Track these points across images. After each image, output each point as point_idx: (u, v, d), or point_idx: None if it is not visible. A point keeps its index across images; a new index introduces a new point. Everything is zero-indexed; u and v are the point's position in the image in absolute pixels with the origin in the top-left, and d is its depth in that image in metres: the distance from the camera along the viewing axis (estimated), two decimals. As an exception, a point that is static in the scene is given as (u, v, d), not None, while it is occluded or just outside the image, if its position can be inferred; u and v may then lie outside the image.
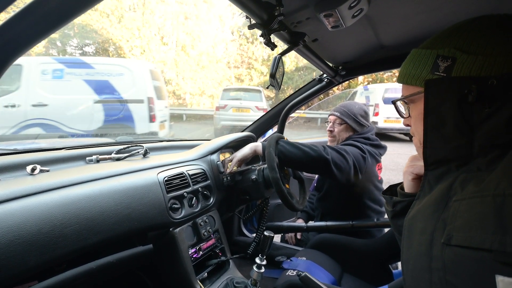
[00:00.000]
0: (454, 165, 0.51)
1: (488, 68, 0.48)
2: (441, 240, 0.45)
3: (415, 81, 0.57)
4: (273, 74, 0.95)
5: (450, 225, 0.44)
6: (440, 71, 0.52)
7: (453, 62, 0.51)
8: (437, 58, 0.53)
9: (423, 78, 0.55)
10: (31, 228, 0.66)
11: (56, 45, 13.89)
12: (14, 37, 0.48)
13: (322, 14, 0.79)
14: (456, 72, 0.50)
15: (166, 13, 15.52)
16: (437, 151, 0.53)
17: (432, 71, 0.53)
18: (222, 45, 17.50)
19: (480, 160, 0.47)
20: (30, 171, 0.86)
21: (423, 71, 0.55)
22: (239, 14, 5.82)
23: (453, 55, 0.51)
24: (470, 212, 0.42)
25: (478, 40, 0.49)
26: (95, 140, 1.28)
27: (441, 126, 0.51)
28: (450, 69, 0.51)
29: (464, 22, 0.53)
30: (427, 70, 0.54)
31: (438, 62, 0.53)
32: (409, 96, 0.59)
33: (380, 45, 1.23)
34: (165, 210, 1.00)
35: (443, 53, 0.52)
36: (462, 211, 0.44)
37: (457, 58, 0.51)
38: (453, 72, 0.50)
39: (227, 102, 8.30)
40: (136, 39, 14.35)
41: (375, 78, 13.33)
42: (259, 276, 0.96)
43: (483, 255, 0.38)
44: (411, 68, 0.58)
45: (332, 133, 1.61)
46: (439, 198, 0.50)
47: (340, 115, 1.56)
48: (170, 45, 16.05)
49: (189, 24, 16.16)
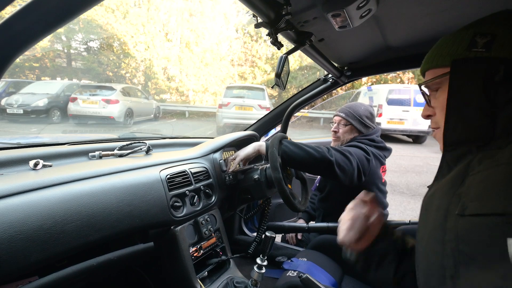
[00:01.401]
0: (475, 146, 0.50)
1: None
2: (455, 212, 0.45)
3: (448, 60, 0.53)
4: (279, 74, 0.94)
5: (465, 197, 0.44)
6: (479, 47, 0.49)
7: (492, 38, 0.48)
8: (474, 36, 0.50)
9: (458, 55, 0.51)
10: (33, 224, 0.65)
11: (61, 39, 13.95)
12: (19, 33, 0.47)
13: (329, 14, 0.78)
14: (496, 49, 0.47)
15: (171, 9, 15.52)
16: (458, 132, 0.51)
17: (469, 48, 0.50)
18: (226, 42, 17.49)
19: (501, 141, 0.47)
20: (32, 166, 0.86)
21: (458, 48, 0.52)
22: (245, 12, 5.79)
23: (492, 32, 0.48)
24: (484, 182, 0.43)
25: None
26: (98, 136, 1.27)
27: (465, 106, 0.50)
28: (489, 45, 0.48)
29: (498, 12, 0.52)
30: (463, 47, 0.51)
31: (476, 39, 0.50)
32: (438, 77, 0.55)
33: (386, 46, 1.22)
34: (167, 208, 1.00)
35: (480, 31, 0.50)
36: (477, 181, 0.44)
37: (496, 34, 0.48)
38: (492, 49, 0.48)
39: (230, 100, 8.28)
40: (141, 35, 14.36)
41: (379, 79, 13.27)
42: (260, 277, 0.96)
43: (496, 220, 0.38)
44: (442, 49, 0.54)
45: (336, 134, 1.60)
46: (457, 175, 0.49)
47: (345, 116, 1.55)
48: (174, 42, 16.05)
49: (193, 21, 16.16)
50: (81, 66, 14.88)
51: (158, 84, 15.45)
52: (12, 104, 7.62)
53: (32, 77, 12.85)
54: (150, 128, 9.55)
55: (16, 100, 7.72)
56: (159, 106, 11.18)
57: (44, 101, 7.97)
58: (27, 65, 12.62)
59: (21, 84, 9.01)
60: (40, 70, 13.35)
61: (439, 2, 0.81)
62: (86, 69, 14.38)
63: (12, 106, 7.60)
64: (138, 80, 15.31)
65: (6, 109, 7.61)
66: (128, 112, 8.59)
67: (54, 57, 14.01)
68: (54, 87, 8.73)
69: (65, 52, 14.52)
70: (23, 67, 12.46)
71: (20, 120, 7.73)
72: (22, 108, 7.63)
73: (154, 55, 14.82)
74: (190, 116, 12.13)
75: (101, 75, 14.15)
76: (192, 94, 16.16)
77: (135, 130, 8.36)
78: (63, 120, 8.25)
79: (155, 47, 14.87)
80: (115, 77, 14.55)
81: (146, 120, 9.90)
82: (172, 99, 15.94)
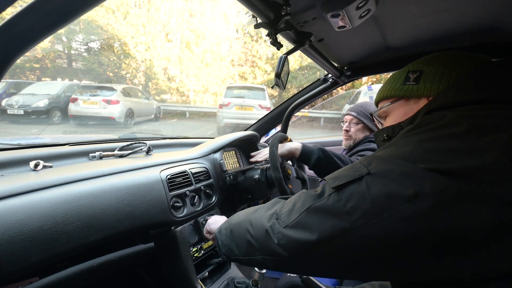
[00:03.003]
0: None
1: (446, 78, 0.58)
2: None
3: (391, 93, 0.67)
4: (279, 74, 0.94)
5: None
6: (411, 81, 0.63)
7: (420, 73, 0.62)
8: (408, 72, 0.65)
9: (396, 89, 0.66)
10: (33, 225, 0.66)
11: (61, 40, 13.96)
12: (20, 34, 0.48)
13: (329, 14, 0.78)
14: (423, 81, 0.61)
15: (171, 10, 15.51)
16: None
17: (404, 82, 0.64)
18: (227, 43, 17.46)
19: None
20: (33, 166, 0.86)
21: (397, 84, 0.66)
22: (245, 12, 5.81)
23: (420, 69, 0.63)
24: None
25: (441, 58, 0.61)
26: (98, 136, 1.27)
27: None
28: (418, 79, 0.62)
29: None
30: (400, 82, 0.66)
31: (409, 75, 0.65)
32: (385, 107, 0.70)
33: (386, 46, 1.22)
34: (167, 209, 1.00)
35: (412, 68, 0.65)
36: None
37: (424, 70, 0.62)
38: (420, 81, 0.61)
39: (230, 100, 8.28)
40: (141, 36, 14.35)
41: (379, 79, 13.23)
42: (261, 277, 0.96)
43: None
44: (387, 85, 0.69)
45: (348, 133, 1.59)
46: None
47: (356, 114, 1.55)
48: (174, 42, 16.04)
49: (194, 22, 16.13)
50: (81, 67, 14.87)
51: (158, 84, 15.44)
52: (12, 105, 7.61)
53: (32, 78, 12.84)
54: (151, 129, 9.55)
55: (16, 101, 7.71)
56: (160, 107, 11.17)
57: (44, 102, 7.96)
58: (28, 66, 12.62)
59: (21, 85, 9.00)
60: (40, 70, 13.35)
61: (438, 2, 0.81)
62: (86, 70, 14.37)
63: (12, 107, 7.60)
64: (139, 81, 15.30)
65: (6, 110, 7.60)
66: (129, 113, 8.59)
67: (55, 58, 14.01)
68: (55, 87, 8.72)
69: (66, 53, 14.52)
70: (24, 68, 12.46)
71: (20, 121, 7.73)
72: (23, 109, 7.62)
73: (155, 56, 14.81)
74: (190, 117, 12.12)
75: (102, 76, 14.14)
76: (192, 94, 16.15)
77: (135, 130, 8.36)
78: (64, 120, 8.25)
79: (156, 47, 14.86)
80: (115, 78, 14.54)
81: (147, 120, 9.89)
82: (172, 99, 15.92)
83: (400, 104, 0.66)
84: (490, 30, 0.94)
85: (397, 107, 0.67)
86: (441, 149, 0.43)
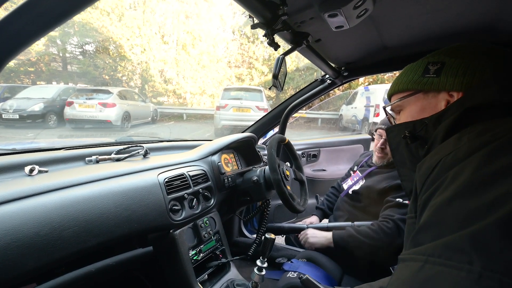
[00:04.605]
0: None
1: (470, 72, 0.54)
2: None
3: (407, 85, 0.63)
4: (276, 75, 0.94)
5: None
6: (431, 73, 0.59)
7: (442, 65, 0.58)
8: (427, 64, 0.60)
9: (414, 81, 0.61)
10: (29, 231, 0.64)
11: (56, 43, 13.88)
12: (12, 35, 0.47)
13: (326, 14, 0.78)
14: (444, 74, 0.57)
15: (166, 11, 15.49)
16: (409, 183, 0.61)
17: (423, 74, 0.60)
18: (223, 44, 17.46)
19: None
20: (28, 171, 0.85)
21: (415, 76, 0.62)
22: (241, 13, 5.77)
23: (442, 60, 0.58)
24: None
25: (464, 50, 0.57)
26: (94, 140, 1.26)
27: (404, 162, 0.63)
28: (439, 71, 0.58)
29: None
30: (418, 75, 0.61)
31: (428, 67, 0.60)
32: (400, 100, 0.65)
33: (383, 46, 1.22)
34: (166, 212, 0.99)
35: (432, 60, 0.60)
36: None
37: (445, 62, 0.57)
38: (442, 74, 0.57)
39: (227, 102, 8.27)
40: (137, 38, 14.30)
41: (376, 79, 13.29)
42: (261, 279, 0.95)
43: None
44: (403, 77, 0.65)
45: (384, 151, 1.45)
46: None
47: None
48: (170, 44, 16.01)
49: (189, 23, 16.12)
50: (77, 70, 14.78)
51: (155, 86, 15.39)
52: (7, 109, 7.55)
53: (27, 82, 12.75)
54: (148, 132, 9.51)
55: (11, 105, 7.64)
56: (157, 109, 11.13)
57: (40, 106, 7.90)
58: (22, 70, 12.53)
59: (16, 89, 8.92)
60: (35, 74, 13.26)
61: (435, 2, 0.81)
62: (82, 73, 14.29)
63: (7, 111, 7.53)
64: (135, 83, 15.24)
65: (1, 115, 7.53)
66: (125, 116, 8.54)
67: (50, 61, 13.91)
68: (50, 91, 8.65)
69: (61, 56, 14.43)
70: (18, 72, 12.37)
71: (16, 125, 7.66)
72: (18, 113, 7.56)
73: (151, 58, 14.76)
74: (188, 119, 12.09)
75: (97, 79, 14.07)
76: (189, 97, 16.11)
77: (132, 133, 8.31)
78: (60, 124, 8.19)
79: (152, 49, 14.82)
80: (111, 81, 14.48)
81: (144, 123, 9.85)
82: (169, 101, 15.87)
83: (417, 98, 0.62)
84: (487, 29, 0.94)
85: (413, 101, 0.63)
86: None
